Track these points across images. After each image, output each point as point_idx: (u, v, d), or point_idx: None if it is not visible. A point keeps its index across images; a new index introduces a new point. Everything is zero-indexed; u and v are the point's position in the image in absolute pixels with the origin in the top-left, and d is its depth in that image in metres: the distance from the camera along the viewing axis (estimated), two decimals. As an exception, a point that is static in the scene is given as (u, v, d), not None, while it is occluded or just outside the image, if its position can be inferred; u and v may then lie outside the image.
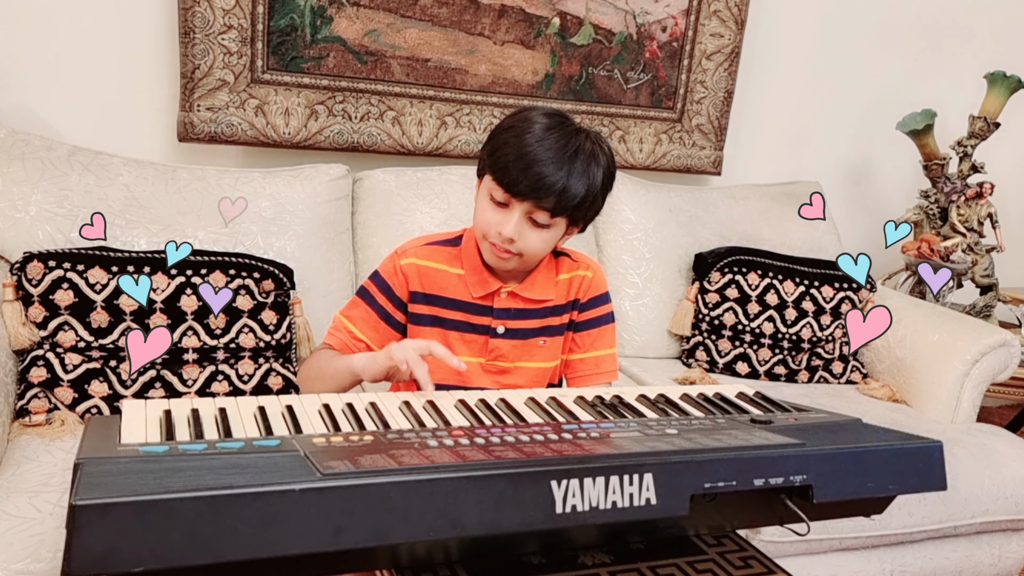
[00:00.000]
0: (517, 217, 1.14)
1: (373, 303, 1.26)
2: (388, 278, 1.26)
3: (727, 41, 2.28)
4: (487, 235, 1.18)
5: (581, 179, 1.12)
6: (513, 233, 1.14)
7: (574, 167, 1.12)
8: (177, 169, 1.73)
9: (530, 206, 1.13)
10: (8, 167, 1.57)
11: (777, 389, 1.97)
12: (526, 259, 1.20)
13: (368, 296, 1.27)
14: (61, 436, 1.36)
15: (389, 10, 1.93)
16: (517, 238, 1.15)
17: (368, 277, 1.29)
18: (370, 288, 1.27)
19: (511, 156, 1.12)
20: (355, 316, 1.27)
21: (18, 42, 1.76)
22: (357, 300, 1.28)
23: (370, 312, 1.26)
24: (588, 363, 1.32)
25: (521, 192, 1.12)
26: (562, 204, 1.13)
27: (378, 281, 1.27)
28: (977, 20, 2.63)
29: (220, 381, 1.53)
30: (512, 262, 1.20)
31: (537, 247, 1.18)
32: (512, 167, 1.11)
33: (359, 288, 1.29)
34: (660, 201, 2.18)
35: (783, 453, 0.86)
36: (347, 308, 1.29)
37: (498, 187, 1.14)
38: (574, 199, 1.13)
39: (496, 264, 1.22)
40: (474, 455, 0.78)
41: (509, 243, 1.16)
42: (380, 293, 1.26)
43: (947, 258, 2.35)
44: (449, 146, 2.07)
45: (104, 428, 0.85)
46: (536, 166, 1.10)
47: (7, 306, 1.45)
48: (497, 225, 1.15)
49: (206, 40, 1.80)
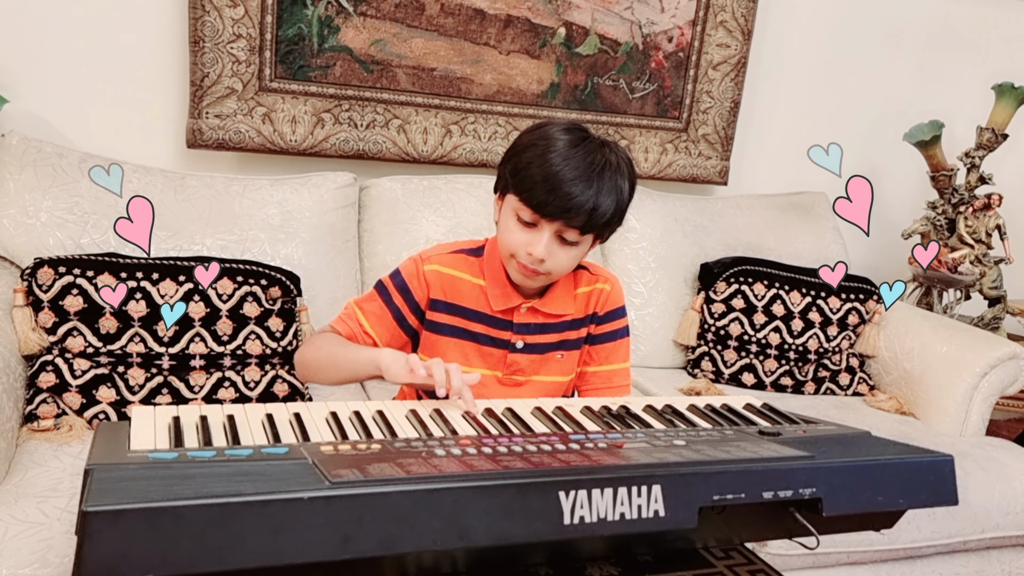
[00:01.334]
0: (547, 237, 1.12)
1: (389, 301, 1.24)
2: (409, 280, 1.24)
3: (733, 51, 2.29)
4: (516, 255, 1.16)
5: (610, 195, 1.11)
6: (544, 253, 1.13)
7: (603, 184, 1.10)
8: (186, 176, 1.74)
9: (560, 225, 1.12)
10: (20, 173, 1.58)
11: (783, 400, 1.96)
12: (554, 276, 1.20)
13: (385, 293, 1.25)
14: (69, 441, 1.36)
15: (396, 20, 1.93)
16: (547, 258, 1.14)
17: (388, 274, 1.27)
18: (388, 286, 1.25)
19: (537, 176, 1.10)
20: (368, 310, 1.25)
21: (30, 50, 1.77)
22: (374, 294, 1.26)
23: (384, 310, 1.24)
24: (601, 376, 1.31)
25: (551, 213, 1.10)
26: (592, 222, 1.11)
27: (398, 281, 1.25)
28: (984, 31, 2.63)
29: (227, 387, 1.53)
30: (539, 280, 1.19)
31: (566, 264, 1.18)
32: (539, 188, 1.10)
33: (377, 282, 1.27)
34: (666, 211, 2.18)
35: (792, 466, 0.86)
36: (362, 299, 1.27)
37: (525, 207, 1.12)
38: (604, 216, 1.12)
39: (523, 283, 1.21)
40: (482, 465, 0.78)
41: (539, 263, 1.14)
42: (398, 293, 1.24)
43: (955, 270, 2.34)
44: (454, 154, 2.08)
45: (113, 434, 0.85)
46: (564, 186, 1.09)
47: (17, 311, 1.45)
48: (527, 245, 1.14)
49: (215, 49, 1.81)
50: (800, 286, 2.12)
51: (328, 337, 1.24)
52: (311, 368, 1.24)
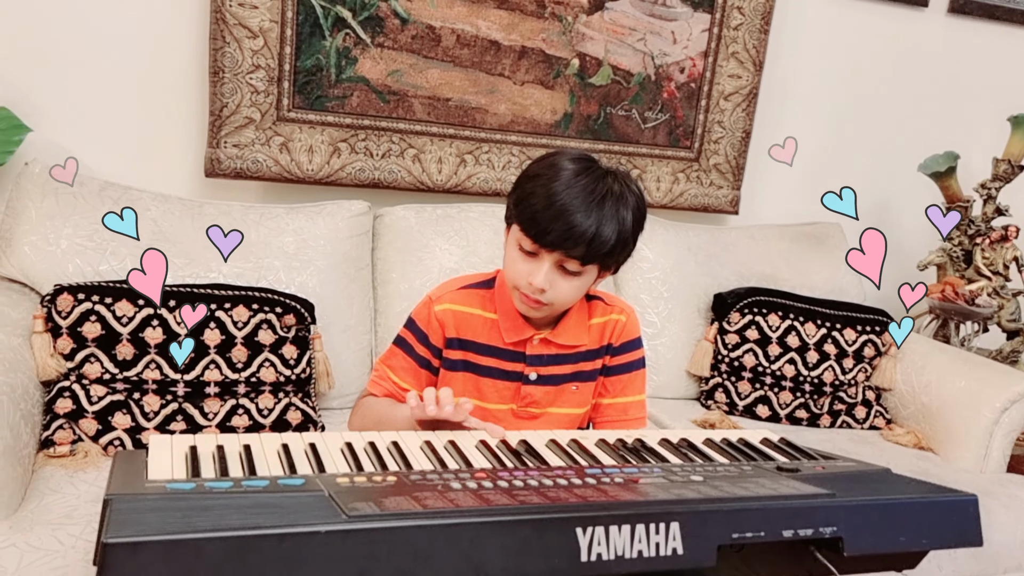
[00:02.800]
0: (547, 267, 1.12)
1: (412, 352, 1.26)
2: (424, 326, 1.25)
3: (745, 82, 2.30)
4: (518, 285, 1.16)
5: (610, 224, 1.10)
6: (544, 283, 1.12)
7: (603, 213, 1.09)
8: (203, 204, 1.75)
9: (560, 255, 1.11)
10: (42, 201, 1.60)
11: (799, 434, 1.94)
12: (557, 307, 1.19)
13: (406, 345, 1.26)
14: (84, 468, 1.36)
15: (412, 51, 1.96)
16: (548, 288, 1.13)
17: (404, 325, 1.28)
18: (407, 337, 1.26)
19: (538, 206, 1.10)
20: (396, 366, 1.26)
21: (53, 80, 1.80)
22: (395, 349, 1.27)
23: (409, 361, 1.26)
24: (616, 408, 1.30)
25: (550, 242, 1.10)
26: (592, 252, 1.11)
27: (414, 330, 1.26)
28: (999, 62, 2.64)
29: (240, 415, 1.53)
30: (543, 311, 1.18)
31: (568, 295, 1.17)
32: (540, 217, 1.09)
33: (396, 337, 1.28)
34: (679, 240, 2.18)
35: (812, 504, 0.85)
36: (387, 357, 1.28)
37: (526, 237, 1.12)
38: (604, 246, 1.10)
39: (527, 313, 1.20)
40: (498, 499, 0.78)
41: (540, 293, 1.13)
42: (418, 343, 1.25)
43: (972, 302, 2.33)
44: (468, 183, 2.09)
45: (131, 463, 0.86)
46: (564, 215, 1.08)
47: (36, 337, 1.46)
48: (527, 275, 1.13)
49: (234, 79, 1.83)
50: (815, 317, 2.10)
51: (369, 403, 1.26)
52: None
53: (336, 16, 1.87)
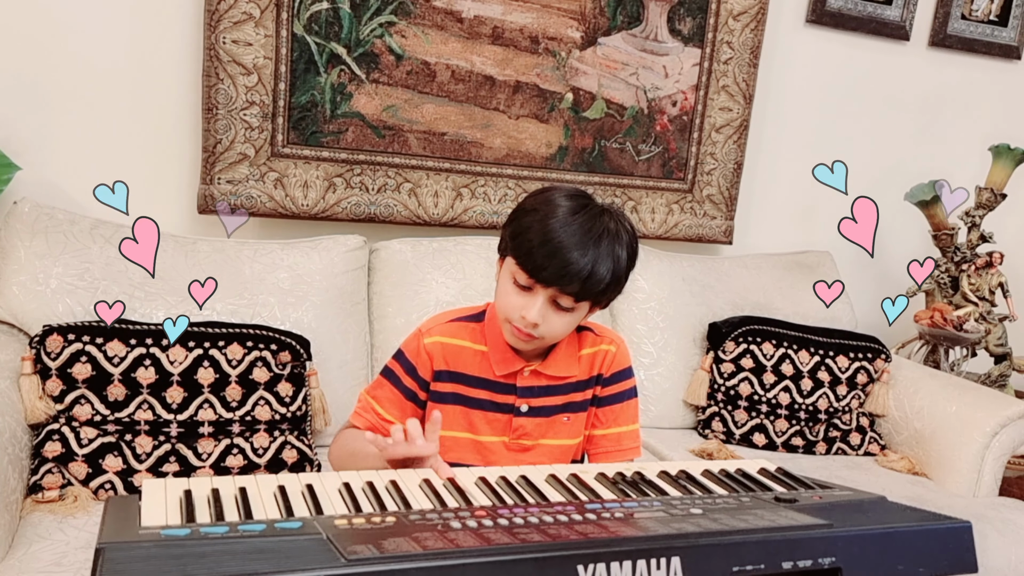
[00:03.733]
0: (541, 302, 1.12)
1: (399, 384, 1.25)
2: (413, 358, 1.25)
3: (736, 115, 2.33)
4: (510, 318, 1.16)
5: (606, 262, 1.11)
6: (537, 318, 1.13)
7: (599, 252, 1.10)
8: (197, 241, 1.75)
9: (554, 291, 1.12)
10: (31, 241, 1.60)
11: (796, 461, 1.94)
12: (548, 341, 1.20)
13: (393, 376, 1.26)
14: (74, 513, 1.34)
15: (407, 87, 1.98)
16: (541, 322, 1.13)
17: (393, 356, 1.28)
18: (395, 368, 1.26)
19: (534, 242, 1.10)
20: (381, 396, 1.26)
21: (42, 118, 1.81)
22: (382, 380, 1.27)
23: (395, 393, 1.25)
24: (610, 439, 1.30)
25: (546, 279, 1.10)
26: (587, 289, 1.11)
27: (403, 361, 1.26)
28: (979, 92, 2.69)
29: (235, 455, 1.52)
30: (533, 344, 1.19)
31: (560, 330, 1.17)
32: (536, 253, 1.10)
33: (384, 368, 1.28)
34: (673, 271, 2.19)
35: (811, 535, 0.85)
36: (373, 388, 1.28)
37: (522, 271, 1.12)
38: (599, 284, 1.11)
39: (517, 345, 1.21)
40: (498, 538, 0.77)
41: (532, 327, 1.14)
42: (405, 374, 1.25)
43: (961, 327, 2.34)
44: (464, 217, 2.10)
45: (124, 509, 0.84)
46: (561, 253, 1.09)
47: (25, 380, 1.45)
48: (520, 309, 1.14)
49: (228, 116, 1.84)
50: (808, 345, 2.11)
51: (349, 435, 1.25)
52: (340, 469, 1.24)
53: (331, 53, 1.89)
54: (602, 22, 2.12)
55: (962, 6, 2.58)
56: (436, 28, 1.97)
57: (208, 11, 1.78)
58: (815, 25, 2.44)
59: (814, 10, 2.41)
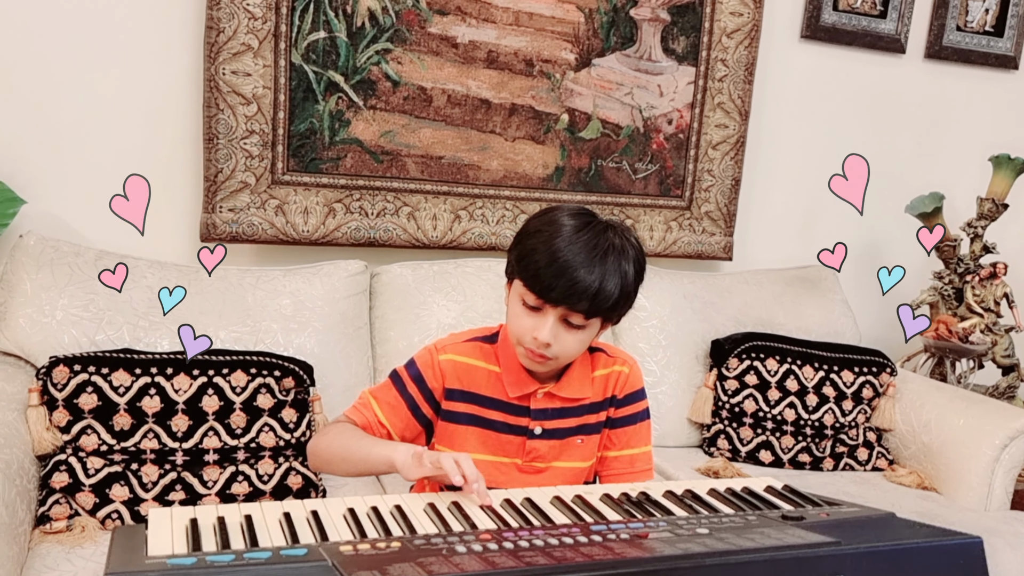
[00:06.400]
0: (552, 322, 1.13)
1: (403, 391, 1.24)
2: (424, 369, 1.25)
3: (732, 131, 2.34)
4: (522, 340, 1.16)
5: (613, 278, 1.11)
6: (549, 338, 1.13)
7: (606, 268, 1.10)
8: (199, 270, 1.76)
9: (564, 310, 1.12)
10: (37, 273, 1.61)
11: (803, 478, 1.93)
12: (562, 361, 1.19)
13: (400, 383, 1.25)
14: (82, 543, 1.34)
15: (404, 112, 2.00)
16: (553, 342, 1.13)
17: (404, 364, 1.27)
18: (403, 375, 1.25)
19: (542, 262, 1.11)
20: (382, 399, 1.25)
21: (47, 153, 1.83)
22: (388, 384, 1.26)
23: (399, 400, 1.24)
24: (623, 461, 1.29)
25: (554, 298, 1.11)
26: (596, 306, 1.11)
27: (412, 371, 1.25)
28: (977, 103, 2.70)
29: (240, 481, 1.52)
30: (547, 365, 1.18)
31: (573, 348, 1.17)
32: (543, 273, 1.10)
33: (392, 372, 1.27)
34: (674, 288, 2.19)
35: (818, 552, 0.85)
36: (377, 389, 1.27)
37: (530, 293, 1.13)
38: (608, 300, 1.11)
39: (532, 368, 1.20)
40: (504, 562, 0.77)
41: (545, 348, 1.14)
42: (412, 383, 1.24)
43: (966, 339, 2.34)
44: (463, 239, 2.11)
45: (130, 539, 0.85)
46: (568, 271, 1.09)
47: (32, 411, 1.45)
48: (532, 330, 1.14)
49: (229, 145, 1.86)
50: (812, 360, 2.11)
51: (342, 427, 1.23)
52: (323, 459, 1.23)
53: (328, 81, 1.91)
54: (596, 43, 2.14)
55: (957, 17, 2.60)
56: (431, 54, 1.99)
57: (208, 43, 1.81)
58: (810, 40, 2.46)
59: (808, 25, 2.43)
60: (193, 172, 1.91)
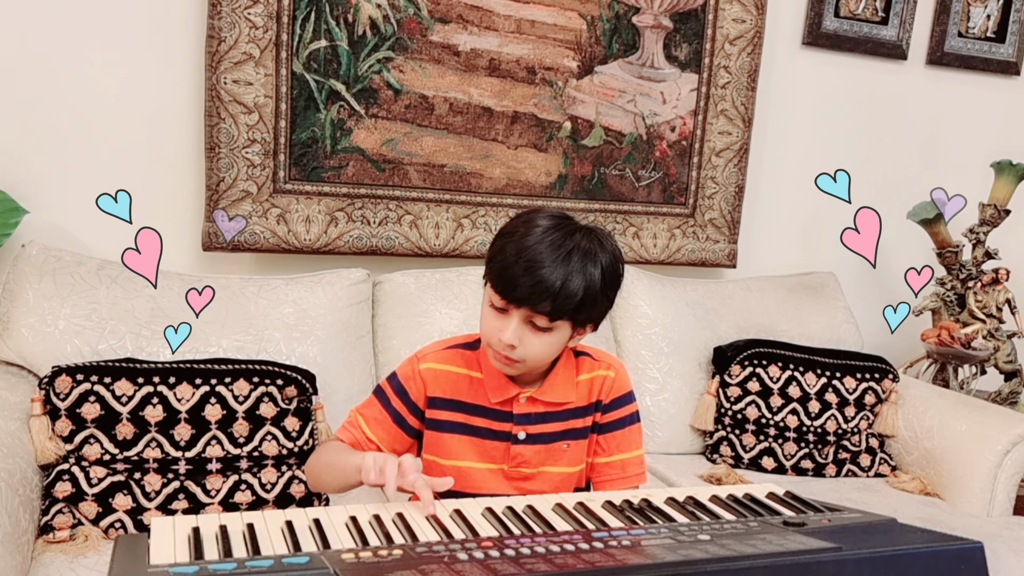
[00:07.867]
0: (515, 323, 1.12)
1: (388, 405, 1.25)
2: (405, 381, 1.25)
3: (735, 138, 2.35)
4: (490, 342, 1.16)
5: (576, 278, 1.09)
6: (513, 339, 1.12)
7: (569, 268, 1.09)
8: (202, 279, 1.77)
9: (527, 311, 1.11)
10: (39, 283, 1.62)
11: (805, 485, 1.93)
12: (531, 364, 1.17)
13: (383, 397, 1.26)
14: (84, 552, 1.34)
15: (406, 120, 2.00)
16: (518, 344, 1.12)
17: (386, 377, 1.28)
18: (386, 389, 1.26)
19: (508, 260, 1.10)
20: (368, 415, 1.25)
21: (49, 162, 1.84)
22: (372, 399, 1.27)
23: (384, 414, 1.25)
24: (614, 467, 1.28)
25: (517, 297, 1.10)
26: (559, 307, 1.10)
27: (395, 384, 1.26)
28: (979, 109, 2.70)
29: (243, 490, 1.52)
30: (516, 368, 1.17)
31: (540, 352, 1.16)
32: (507, 272, 1.10)
33: (376, 387, 1.28)
34: (676, 295, 2.19)
35: (819, 559, 0.84)
36: (363, 406, 1.28)
37: (496, 294, 1.12)
38: (571, 301, 1.09)
39: (501, 369, 1.20)
40: (505, 569, 0.77)
41: (510, 349, 1.13)
42: (395, 396, 1.25)
43: (969, 345, 2.33)
44: (466, 247, 2.12)
45: (133, 548, 0.85)
46: (531, 270, 1.08)
47: (35, 421, 1.46)
48: (498, 331, 1.13)
49: (231, 154, 1.87)
50: (815, 367, 2.11)
51: (331, 446, 1.25)
52: (314, 478, 1.26)
53: (330, 89, 1.92)
54: (598, 51, 2.15)
55: (959, 24, 2.60)
56: (433, 62, 2.00)
57: (209, 52, 1.82)
58: (812, 47, 2.46)
59: (810, 32, 2.43)
60: (195, 181, 1.92)
